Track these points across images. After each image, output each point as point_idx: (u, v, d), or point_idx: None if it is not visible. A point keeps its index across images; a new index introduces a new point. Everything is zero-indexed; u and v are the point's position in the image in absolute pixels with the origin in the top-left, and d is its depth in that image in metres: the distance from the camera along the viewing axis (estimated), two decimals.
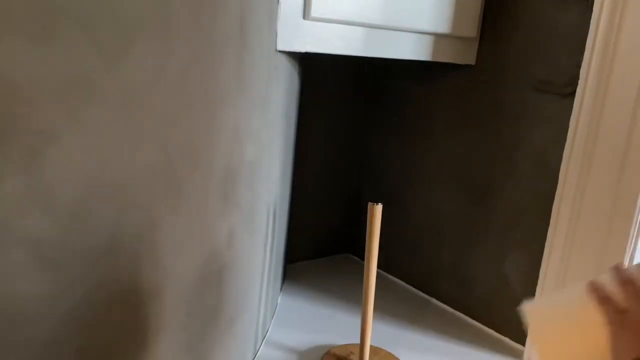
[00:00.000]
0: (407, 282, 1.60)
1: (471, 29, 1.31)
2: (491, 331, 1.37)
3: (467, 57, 1.34)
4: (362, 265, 1.79)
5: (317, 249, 1.74)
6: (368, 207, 1.04)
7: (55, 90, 0.60)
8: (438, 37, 1.27)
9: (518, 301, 1.48)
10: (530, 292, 1.25)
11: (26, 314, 0.64)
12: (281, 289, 1.49)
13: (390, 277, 1.64)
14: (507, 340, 1.34)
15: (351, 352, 1.20)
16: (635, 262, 1.06)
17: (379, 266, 1.68)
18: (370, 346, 1.17)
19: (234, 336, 1.01)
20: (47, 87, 0.60)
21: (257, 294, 1.13)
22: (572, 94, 1.13)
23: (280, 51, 1.04)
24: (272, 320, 1.33)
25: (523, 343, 1.28)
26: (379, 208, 1.04)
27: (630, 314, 0.54)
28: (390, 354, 1.21)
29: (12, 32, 0.56)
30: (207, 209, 0.84)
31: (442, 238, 1.49)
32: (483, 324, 1.40)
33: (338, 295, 1.49)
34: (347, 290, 1.52)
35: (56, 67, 0.60)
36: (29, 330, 0.65)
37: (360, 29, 1.14)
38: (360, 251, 1.76)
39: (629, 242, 1.05)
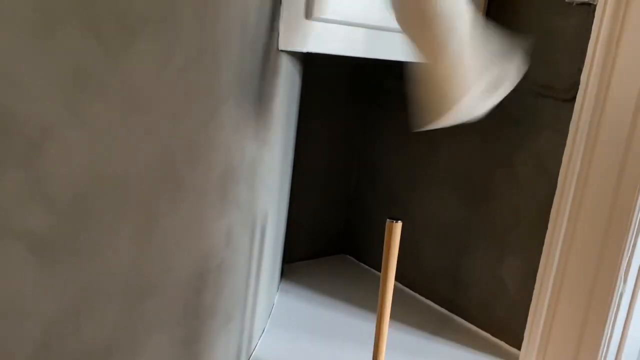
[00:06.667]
0: (403, 284, 1.60)
1: None
2: (487, 335, 1.37)
3: None
4: (360, 266, 1.78)
5: (315, 249, 1.74)
6: (386, 225, 0.92)
7: (56, 84, 0.60)
8: None
9: (515, 305, 1.47)
10: (527, 297, 1.25)
11: (23, 309, 0.64)
12: (278, 289, 1.49)
13: None
14: (503, 344, 1.34)
15: None
16: (632, 267, 1.06)
17: (375, 267, 1.69)
18: None
19: (230, 334, 1.01)
20: (48, 81, 0.60)
21: (254, 292, 1.13)
22: (573, 99, 1.13)
23: (281, 51, 1.04)
24: (269, 320, 1.33)
25: (519, 347, 1.28)
26: (398, 226, 0.92)
27: None
28: None
29: (14, 25, 0.56)
30: (206, 206, 0.84)
31: (440, 241, 1.49)
32: (479, 327, 1.40)
33: (335, 295, 1.49)
34: (344, 290, 1.52)
35: (57, 60, 0.60)
36: (26, 326, 0.65)
37: (362, 30, 1.14)
38: (357, 252, 1.76)
39: (627, 248, 1.05)
